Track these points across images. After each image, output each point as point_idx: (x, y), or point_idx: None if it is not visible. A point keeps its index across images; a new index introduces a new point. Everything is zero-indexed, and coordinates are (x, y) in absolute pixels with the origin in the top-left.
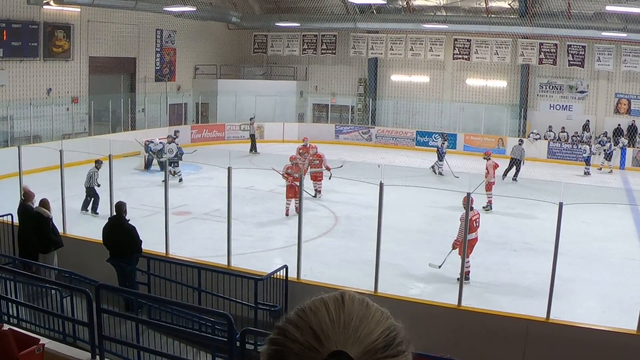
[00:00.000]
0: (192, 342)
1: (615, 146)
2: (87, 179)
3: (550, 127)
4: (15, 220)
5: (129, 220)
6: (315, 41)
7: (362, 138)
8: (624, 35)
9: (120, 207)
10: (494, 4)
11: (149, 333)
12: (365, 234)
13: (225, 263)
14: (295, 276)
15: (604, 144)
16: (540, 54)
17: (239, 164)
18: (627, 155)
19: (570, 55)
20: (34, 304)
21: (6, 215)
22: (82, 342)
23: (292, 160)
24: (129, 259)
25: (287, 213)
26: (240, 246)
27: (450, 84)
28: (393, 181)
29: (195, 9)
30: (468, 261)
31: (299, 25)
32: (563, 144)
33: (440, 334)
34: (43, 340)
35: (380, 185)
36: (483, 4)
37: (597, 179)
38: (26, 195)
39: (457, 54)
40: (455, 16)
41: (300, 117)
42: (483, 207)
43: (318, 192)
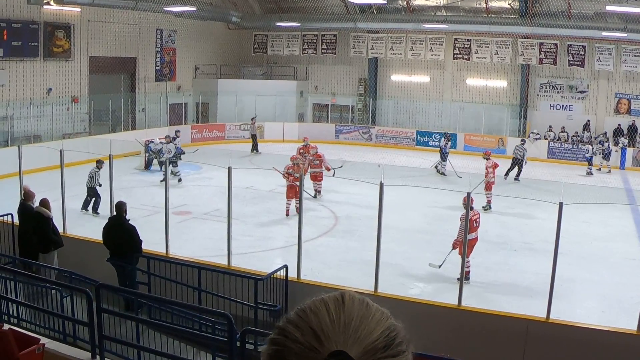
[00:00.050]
0: (192, 342)
1: (616, 146)
2: (89, 179)
3: (551, 127)
4: (16, 220)
5: (129, 220)
6: (315, 41)
7: (362, 138)
8: (624, 35)
9: (121, 207)
10: (494, 4)
11: (149, 333)
12: (365, 234)
13: (226, 263)
14: (295, 276)
15: (602, 144)
16: (540, 53)
17: (239, 164)
18: (627, 155)
19: (570, 55)
20: (34, 304)
21: (6, 215)
22: (82, 342)
23: (293, 160)
24: (129, 259)
25: (287, 213)
26: (241, 246)
27: (450, 84)
28: (393, 181)
29: (195, 9)
30: (468, 261)
31: (299, 25)
32: (563, 143)
33: (440, 334)
34: (43, 340)
35: (381, 185)
36: (483, 4)
37: (597, 179)
38: (26, 195)
39: (457, 53)
40: (455, 16)
41: (301, 117)
42: (482, 207)
43: (318, 193)
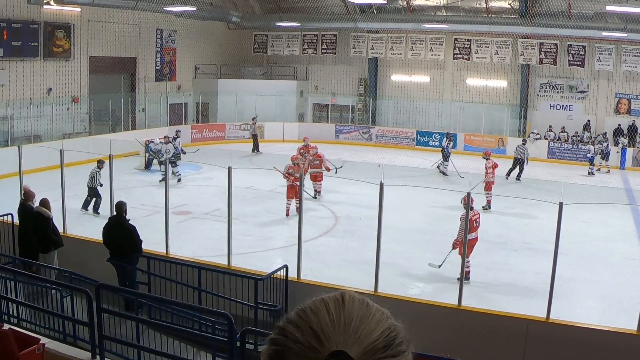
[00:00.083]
0: (192, 342)
1: (616, 146)
2: (90, 179)
3: (551, 127)
4: (16, 220)
5: (129, 220)
6: (315, 41)
7: (362, 138)
8: (624, 35)
9: (121, 207)
10: (494, 4)
11: (149, 333)
12: (365, 234)
13: (226, 263)
14: (295, 276)
15: (601, 143)
16: (540, 53)
17: (239, 164)
18: (627, 155)
19: (570, 55)
20: (34, 304)
21: (6, 215)
22: (83, 342)
23: (294, 160)
24: (129, 259)
25: (288, 213)
26: (241, 246)
27: (450, 84)
28: (393, 181)
29: (195, 9)
30: (468, 261)
31: (299, 25)
32: (563, 143)
33: (440, 334)
34: (43, 340)
35: (381, 185)
36: (483, 4)
37: (597, 179)
38: (26, 195)
39: (457, 53)
40: (455, 16)
41: (301, 117)
42: (482, 207)
43: (317, 193)
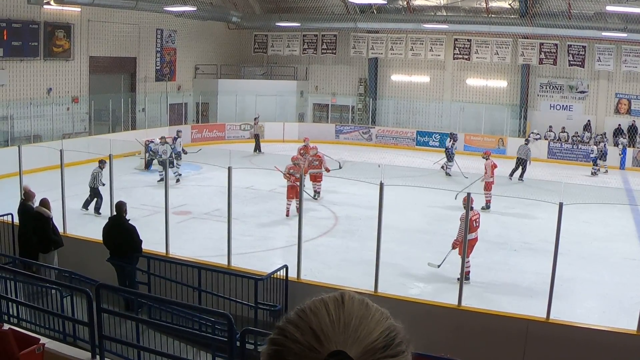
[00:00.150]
0: (192, 342)
1: (616, 146)
2: (91, 179)
3: (551, 127)
4: (16, 220)
5: (129, 220)
6: (315, 41)
7: (363, 138)
8: (624, 35)
9: (121, 207)
10: (494, 4)
11: (149, 333)
12: (365, 234)
13: (226, 263)
14: (295, 276)
15: (598, 144)
16: (540, 54)
17: (239, 164)
18: (627, 155)
19: (570, 55)
20: (34, 304)
21: (6, 215)
22: (82, 342)
23: (294, 160)
24: (129, 259)
25: (288, 214)
26: (241, 246)
27: (450, 84)
28: (393, 181)
29: (195, 9)
30: (468, 261)
31: (300, 25)
32: (563, 144)
33: (440, 334)
34: (43, 339)
35: (381, 185)
36: (483, 4)
37: (598, 179)
38: (26, 195)
39: (457, 54)
40: (455, 16)
41: (301, 117)
42: (481, 208)
43: (317, 193)
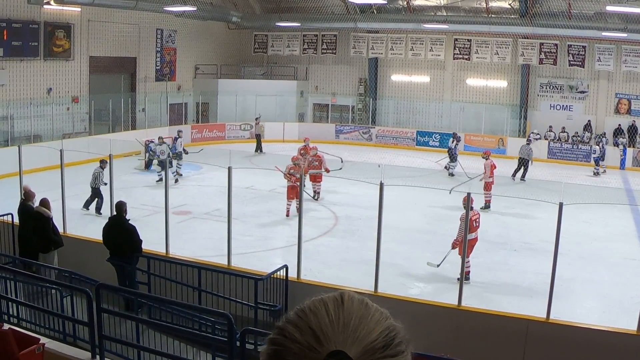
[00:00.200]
0: (192, 342)
1: (616, 147)
2: (93, 179)
3: (551, 127)
4: (16, 220)
5: (129, 219)
6: (315, 41)
7: (363, 138)
8: (624, 35)
9: (121, 207)
10: (494, 4)
11: (149, 333)
12: (365, 234)
13: (226, 263)
14: (295, 276)
15: (598, 144)
16: (540, 54)
17: (239, 164)
18: (627, 155)
19: (570, 55)
20: (34, 304)
21: (6, 214)
22: (82, 342)
23: (294, 160)
24: (129, 259)
25: (288, 214)
26: (241, 246)
27: (450, 84)
28: (393, 181)
29: (195, 9)
30: (468, 261)
31: (300, 25)
32: (563, 144)
33: (440, 334)
34: (43, 339)
35: (381, 185)
36: (483, 4)
37: (598, 179)
38: (26, 195)
39: (457, 53)
40: (455, 16)
41: (301, 117)
42: (480, 208)
43: (317, 194)
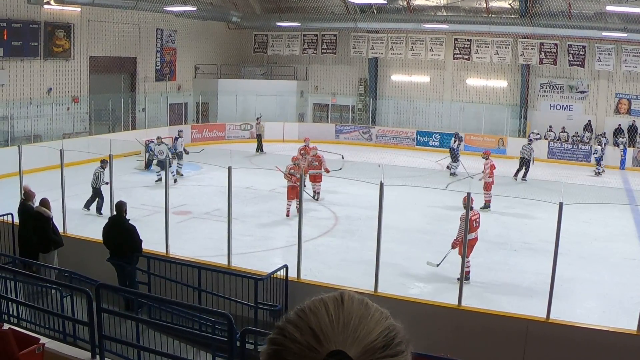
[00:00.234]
0: (192, 342)
1: (616, 147)
2: (94, 179)
3: (551, 127)
4: (16, 220)
5: (129, 219)
6: (315, 41)
7: (363, 138)
8: (624, 35)
9: (121, 207)
10: (494, 4)
11: (149, 333)
12: (365, 234)
13: (226, 263)
14: (295, 276)
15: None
16: (540, 53)
17: (239, 164)
18: (627, 155)
19: (570, 55)
20: (34, 304)
21: (6, 214)
22: (83, 342)
23: (295, 160)
24: (129, 259)
25: (288, 214)
26: (241, 246)
27: (450, 84)
28: (393, 181)
29: (195, 9)
30: (468, 261)
31: (300, 25)
32: (563, 143)
33: (440, 334)
34: (43, 339)
35: (381, 185)
36: (483, 4)
37: (598, 179)
38: (27, 195)
39: (457, 53)
40: (455, 16)
41: (301, 117)
42: (480, 208)
43: (317, 194)
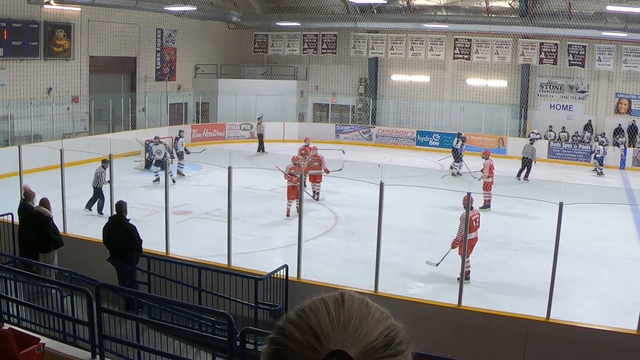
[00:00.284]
0: (192, 342)
1: (617, 147)
2: (95, 179)
3: (551, 127)
4: (16, 220)
5: (130, 219)
6: (315, 41)
7: (363, 138)
8: (624, 35)
9: (121, 207)
10: (494, 4)
11: (149, 332)
12: (365, 234)
13: (226, 262)
14: (295, 276)
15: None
16: (540, 53)
17: (240, 164)
18: (627, 155)
19: (570, 55)
20: (34, 304)
21: (6, 214)
22: (83, 342)
23: (295, 160)
24: (129, 259)
25: (288, 214)
26: (241, 246)
27: (450, 84)
28: (393, 181)
29: (195, 9)
30: (468, 261)
31: (300, 24)
32: (563, 143)
33: (440, 334)
34: (43, 339)
35: (381, 185)
36: (483, 4)
37: (598, 179)
38: (27, 195)
39: (457, 53)
40: (455, 16)
41: (301, 117)
42: (479, 207)
43: (316, 194)
